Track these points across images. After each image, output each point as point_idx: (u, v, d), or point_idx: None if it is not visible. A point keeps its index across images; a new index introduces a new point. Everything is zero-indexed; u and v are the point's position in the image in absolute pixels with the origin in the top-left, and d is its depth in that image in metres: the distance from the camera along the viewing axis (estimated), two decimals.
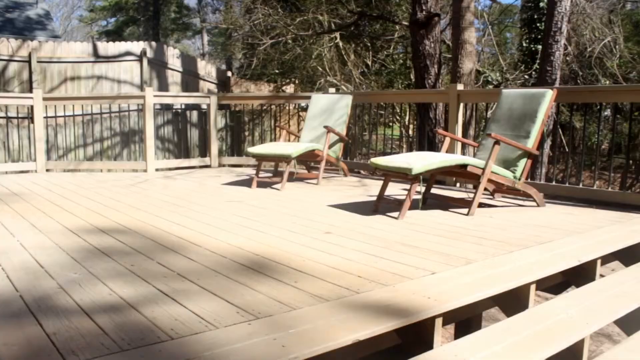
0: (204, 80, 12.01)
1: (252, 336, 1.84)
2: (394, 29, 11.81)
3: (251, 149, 5.57)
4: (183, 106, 10.37)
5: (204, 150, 8.65)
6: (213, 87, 12.18)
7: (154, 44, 11.29)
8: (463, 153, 5.78)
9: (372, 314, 2.08)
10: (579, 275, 3.16)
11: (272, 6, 11.49)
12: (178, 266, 2.67)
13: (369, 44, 11.84)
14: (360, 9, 11.27)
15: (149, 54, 10.81)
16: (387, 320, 2.02)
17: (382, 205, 4.26)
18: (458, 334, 3.69)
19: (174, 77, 11.40)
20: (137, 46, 10.82)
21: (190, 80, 11.70)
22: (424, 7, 7.33)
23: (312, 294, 2.27)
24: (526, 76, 10.66)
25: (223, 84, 12.55)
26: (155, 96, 7.28)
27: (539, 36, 10.53)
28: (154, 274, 2.52)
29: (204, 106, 8.42)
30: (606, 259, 3.49)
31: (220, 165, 7.69)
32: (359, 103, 7.28)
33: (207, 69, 12.31)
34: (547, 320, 2.46)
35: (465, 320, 3.40)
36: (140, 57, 10.70)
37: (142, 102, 7.03)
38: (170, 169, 7.44)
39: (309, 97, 6.76)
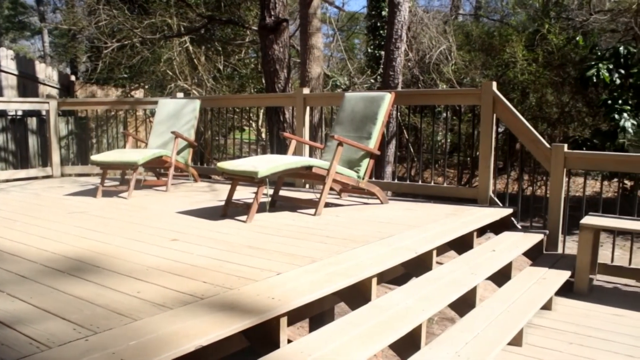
0: (44, 84, 11.19)
1: (88, 353, 1.76)
2: (245, 33, 11.82)
3: (94, 157, 5.30)
4: (21, 112, 9.58)
5: (46, 160, 8.08)
6: (55, 92, 11.39)
7: None
8: (312, 155, 5.93)
9: (216, 318, 2.07)
10: (418, 266, 3.37)
11: (118, 7, 11.00)
12: (7, 285, 2.47)
13: (220, 48, 11.74)
14: (209, 13, 11.14)
15: None
16: (231, 324, 2.02)
17: (231, 210, 4.26)
18: (312, 330, 3.78)
19: (9, 80, 10.47)
20: None
21: (29, 85, 10.83)
22: (272, 13, 7.41)
23: (155, 303, 2.21)
24: (372, 80, 11.16)
25: (67, 89, 11.78)
26: None
27: (383, 43, 11.08)
28: None
29: (45, 112, 7.87)
30: (442, 249, 3.77)
31: (64, 174, 7.24)
32: (209, 108, 7.20)
33: (47, 72, 11.49)
34: (388, 310, 2.60)
35: (318, 316, 3.49)
36: None
37: None
38: (7, 181, 6.84)
39: (156, 102, 6.57)
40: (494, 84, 4.67)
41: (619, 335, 3.22)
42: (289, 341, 2.28)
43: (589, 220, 4.03)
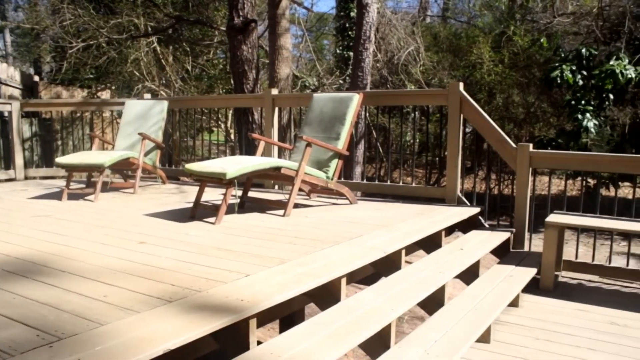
0: (6, 84, 10.92)
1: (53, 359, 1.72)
2: (214, 34, 11.74)
3: (60, 159, 5.20)
4: None
5: (9, 162, 7.91)
6: (18, 93, 11.14)
7: None
8: (281, 156, 5.92)
9: (185, 321, 2.04)
10: (387, 266, 3.39)
11: (83, 7, 10.82)
12: None
13: (188, 49, 11.64)
14: (177, 13, 11.04)
15: None
16: (200, 326, 2.00)
17: (199, 212, 4.22)
18: (283, 331, 3.78)
19: None
20: None
21: None
22: (240, 13, 7.38)
23: (122, 307, 2.18)
24: (341, 81, 11.20)
25: (30, 90, 11.50)
26: None
27: (351, 44, 11.11)
28: None
29: (7, 114, 7.71)
30: (411, 248, 3.80)
31: (28, 177, 7.10)
32: (177, 109, 7.14)
33: (9, 72, 11.21)
34: (357, 310, 2.61)
35: (289, 317, 3.49)
36: None
37: None
38: None
39: (123, 103, 6.48)
40: (461, 84, 4.73)
41: (582, 330, 3.30)
42: (259, 342, 2.27)
43: (554, 218, 4.11)
